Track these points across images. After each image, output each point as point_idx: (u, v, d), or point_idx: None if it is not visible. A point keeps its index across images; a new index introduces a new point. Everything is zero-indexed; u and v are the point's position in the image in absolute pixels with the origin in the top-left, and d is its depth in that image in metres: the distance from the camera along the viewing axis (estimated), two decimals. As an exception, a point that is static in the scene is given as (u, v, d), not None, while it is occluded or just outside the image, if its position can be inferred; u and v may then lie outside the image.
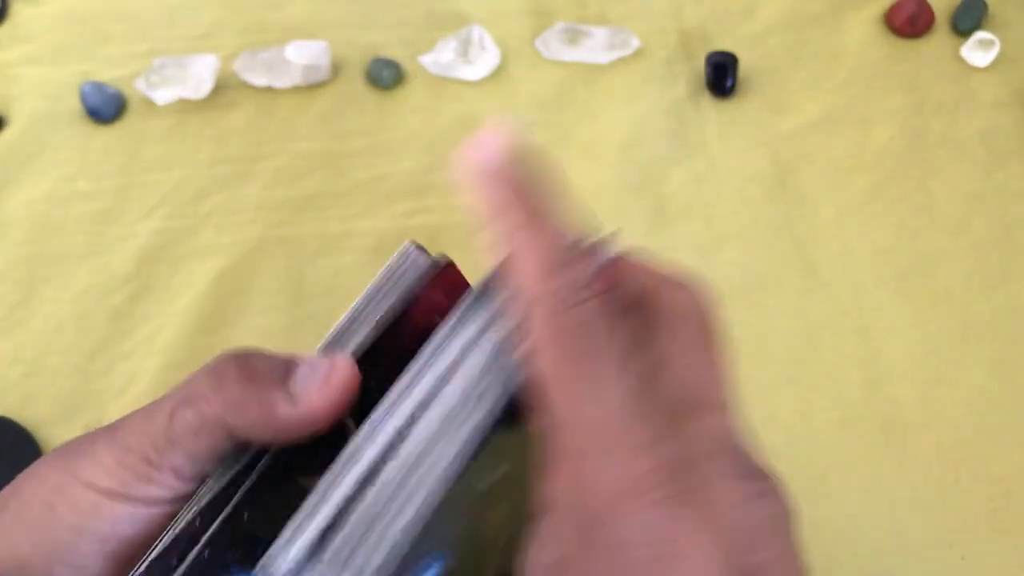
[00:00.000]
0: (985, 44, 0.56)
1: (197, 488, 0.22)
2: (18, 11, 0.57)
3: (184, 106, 0.54)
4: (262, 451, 0.22)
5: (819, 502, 0.43)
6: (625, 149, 0.53)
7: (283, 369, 0.22)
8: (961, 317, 0.48)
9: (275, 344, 0.46)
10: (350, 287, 0.48)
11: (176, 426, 0.21)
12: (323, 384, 0.21)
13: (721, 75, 0.54)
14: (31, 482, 0.23)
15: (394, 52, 0.56)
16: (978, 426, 0.45)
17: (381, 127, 0.54)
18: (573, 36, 0.56)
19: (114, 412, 0.44)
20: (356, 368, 0.22)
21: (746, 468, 0.19)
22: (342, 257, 0.49)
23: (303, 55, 0.54)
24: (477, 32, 0.55)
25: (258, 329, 0.47)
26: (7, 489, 0.23)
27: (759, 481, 0.19)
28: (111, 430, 0.22)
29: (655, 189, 0.52)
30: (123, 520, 0.22)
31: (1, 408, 0.44)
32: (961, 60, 0.57)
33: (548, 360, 0.19)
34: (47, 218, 0.50)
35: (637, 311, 0.22)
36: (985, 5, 0.58)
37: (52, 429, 0.44)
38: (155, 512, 0.22)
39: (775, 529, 0.19)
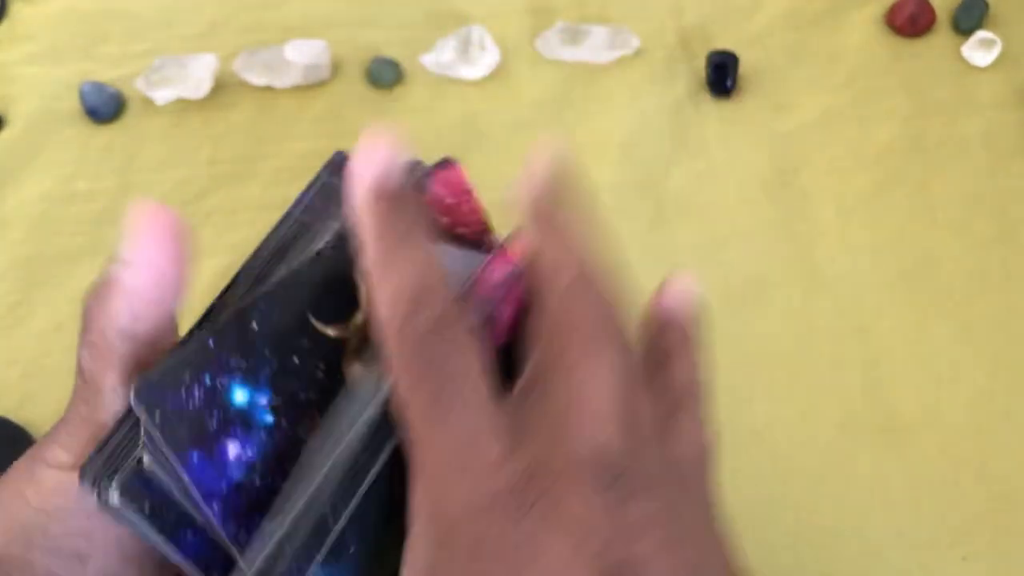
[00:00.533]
0: (986, 44, 0.56)
1: None
2: (17, 10, 0.57)
3: (184, 106, 0.54)
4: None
5: (819, 502, 0.43)
6: (625, 149, 0.53)
7: (107, 269, 0.23)
8: (962, 317, 0.48)
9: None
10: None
11: (84, 370, 0.23)
12: (137, 235, 0.23)
13: (721, 75, 0.54)
14: (7, 480, 0.23)
15: (394, 52, 0.56)
16: (979, 426, 0.45)
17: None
18: (573, 36, 0.56)
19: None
20: (159, 206, 0.23)
21: (609, 477, 0.19)
22: (342, 257, 0.49)
23: (303, 55, 0.54)
24: (477, 32, 0.55)
25: (258, 329, 0.46)
26: None
27: (623, 484, 0.19)
28: (63, 418, 0.23)
29: (655, 189, 0.52)
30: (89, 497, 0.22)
31: (0, 408, 0.44)
32: (962, 60, 0.56)
33: (401, 386, 0.20)
34: (46, 218, 0.50)
35: (534, 310, 0.23)
36: (986, 4, 0.57)
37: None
38: None
39: (649, 525, 0.19)
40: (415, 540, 0.20)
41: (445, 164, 0.25)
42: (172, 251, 0.23)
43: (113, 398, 0.22)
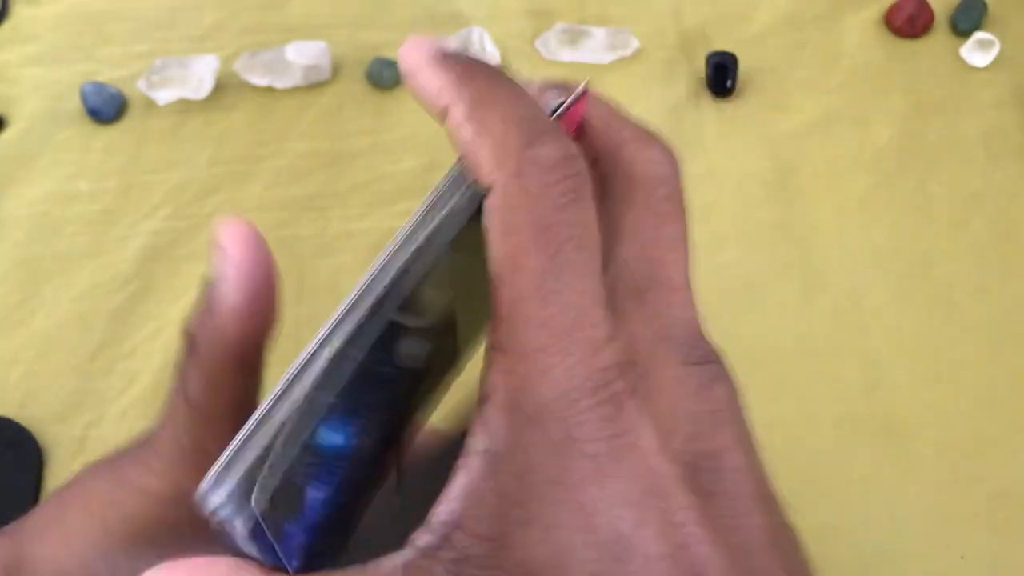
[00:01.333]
0: (985, 44, 0.56)
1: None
2: (19, 11, 0.57)
3: (185, 106, 0.54)
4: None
5: (818, 502, 0.43)
6: (625, 149, 0.53)
7: (206, 292, 0.21)
8: (961, 317, 0.48)
9: (275, 344, 0.46)
10: (350, 287, 0.48)
11: (196, 404, 0.20)
12: (223, 253, 0.20)
13: (721, 75, 0.54)
14: (78, 497, 0.22)
15: (394, 52, 0.56)
16: (978, 426, 0.45)
17: (381, 127, 0.54)
18: (573, 37, 0.56)
19: (114, 412, 0.44)
20: (241, 220, 0.20)
21: (698, 353, 0.19)
22: (342, 257, 0.49)
23: (303, 55, 0.54)
24: (477, 33, 0.55)
25: (258, 329, 0.47)
26: (52, 504, 0.22)
27: (711, 366, 0.19)
28: (143, 440, 0.21)
29: (655, 189, 0.52)
30: (183, 525, 0.20)
31: (1, 408, 0.44)
32: (961, 60, 0.57)
33: (505, 250, 0.17)
34: (47, 218, 0.50)
35: (597, 168, 0.20)
36: (985, 5, 0.58)
37: (52, 429, 0.44)
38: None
39: (728, 415, 0.18)
40: (491, 419, 0.17)
41: (578, 97, 0.21)
42: (264, 266, 0.20)
43: (226, 427, 0.20)
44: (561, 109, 0.20)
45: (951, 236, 0.50)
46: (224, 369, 0.20)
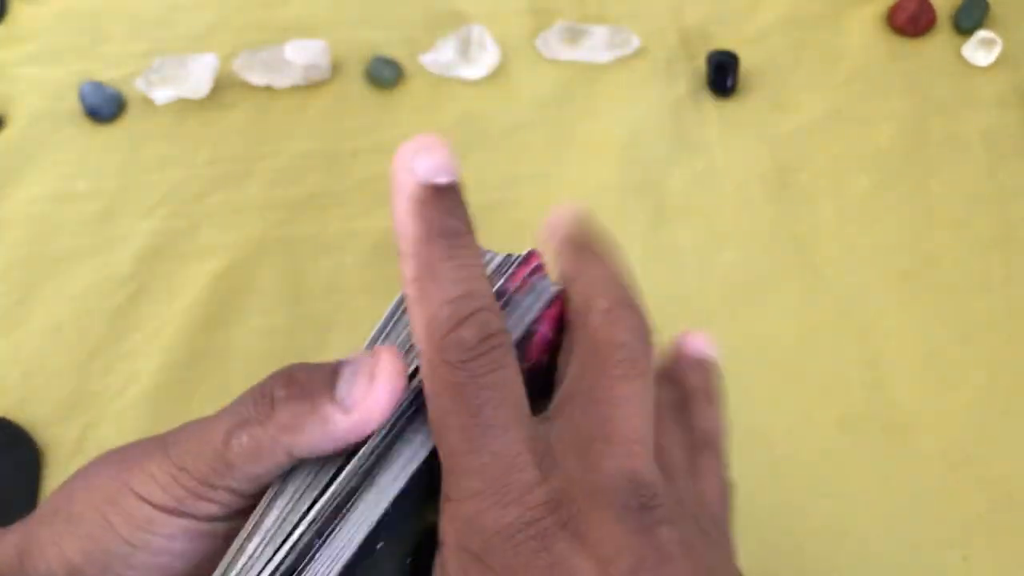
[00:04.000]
0: (987, 43, 0.56)
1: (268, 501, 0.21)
2: (17, 10, 0.57)
3: (183, 105, 0.54)
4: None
5: (819, 502, 0.43)
6: (625, 149, 0.53)
7: (329, 376, 0.21)
8: (962, 317, 0.48)
9: (275, 344, 0.46)
10: (350, 287, 0.48)
11: (232, 451, 0.21)
12: (369, 382, 0.20)
13: (722, 75, 0.54)
14: (84, 490, 0.22)
15: (394, 51, 0.56)
16: (979, 426, 0.45)
17: (381, 127, 0.53)
18: (573, 35, 0.56)
19: (114, 412, 0.44)
20: (399, 355, 0.21)
21: (637, 500, 0.20)
22: (342, 257, 0.49)
23: (303, 54, 0.54)
24: (477, 31, 0.55)
25: (258, 329, 0.46)
26: (59, 495, 0.23)
27: (653, 511, 0.20)
28: (163, 444, 0.22)
29: (655, 189, 0.52)
30: (178, 535, 0.21)
31: (0, 408, 0.44)
32: (963, 59, 0.56)
33: (440, 408, 0.20)
34: (46, 218, 0.50)
35: (568, 335, 0.22)
36: (987, 4, 0.57)
37: (52, 429, 0.44)
38: (212, 527, 0.22)
39: (679, 551, 0.19)
40: (447, 560, 0.20)
41: (555, 300, 0.23)
42: (392, 408, 0.21)
43: (243, 480, 0.21)
44: (537, 313, 0.23)
45: (952, 235, 0.50)
46: (278, 456, 0.21)
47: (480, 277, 0.21)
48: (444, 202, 0.21)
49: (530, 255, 0.23)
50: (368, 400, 0.20)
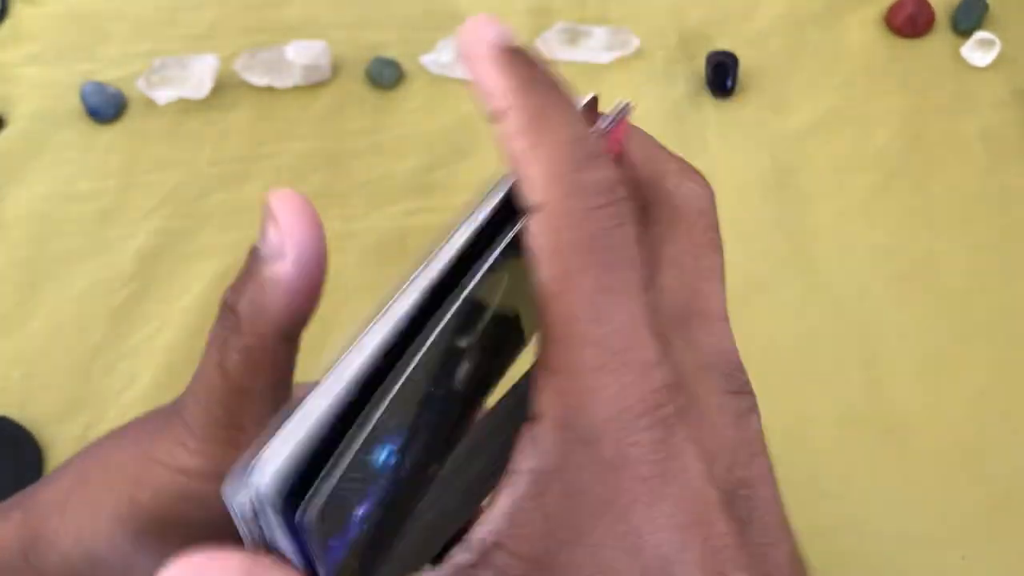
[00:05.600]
0: (985, 44, 0.56)
1: None
2: (19, 11, 0.57)
3: (184, 106, 0.54)
4: None
5: (819, 502, 0.43)
6: (625, 149, 0.53)
7: (251, 255, 0.20)
8: (961, 317, 0.48)
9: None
10: (350, 287, 0.48)
11: (234, 377, 0.20)
12: (276, 221, 0.20)
13: (721, 75, 0.54)
14: (100, 471, 0.21)
15: (394, 52, 0.56)
16: (978, 426, 0.45)
17: (381, 127, 0.54)
18: (573, 36, 0.56)
19: (114, 412, 0.44)
20: (294, 193, 0.20)
21: (736, 383, 0.19)
22: (342, 257, 0.49)
23: (303, 55, 0.54)
24: (477, 32, 0.55)
25: (258, 329, 0.47)
26: (69, 477, 0.22)
27: (747, 396, 0.19)
28: (176, 409, 0.21)
29: (655, 189, 0.52)
30: (213, 502, 0.19)
31: (1, 408, 0.44)
32: (961, 60, 0.57)
33: (555, 271, 0.17)
34: (47, 218, 0.50)
35: (638, 194, 0.20)
36: (986, 5, 0.58)
37: (52, 429, 0.44)
38: None
39: (760, 446, 0.19)
40: (545, 437, 0.17)
41: (621, 117, 0.21)
42: (320, 240, 0.20)
43: (262, 403, 0.20)
44: (605, 127, 0.20)
45: (951, 235, 0.50)
46: (267, 345, 0.20)
47: (586, 124, 0.19)
48: (530, 56, 0.20)
49: (594, 99, 0.21)
50: (292, 240, 0.20)
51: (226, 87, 0.54)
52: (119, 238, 0.49)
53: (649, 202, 0.20)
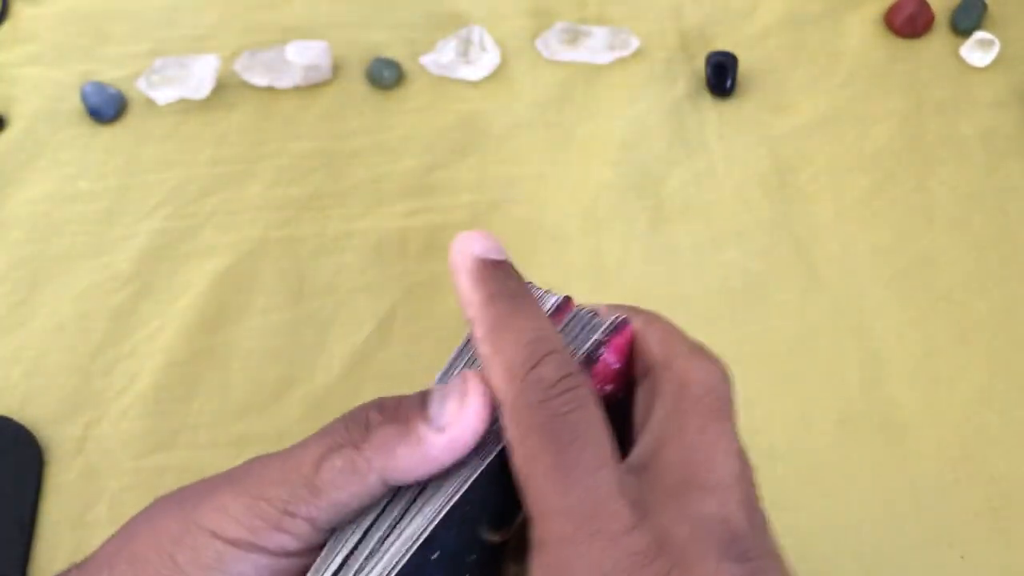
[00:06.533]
0: (985, 44, 0.56)
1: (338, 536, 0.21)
2: (19, 11, 0.57)
3: (185, 106, 0.54)
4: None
5: (818, 502, 0.43)
6: (625, 149, 0.53)
7: (420, 400, 0.22)
8: (961, 317, 0.48)
9: (275, 344, 0.46)
10: (350, 287, 0.48)
11: (323, 475, 0.21)
12: (461, 400, 0.21)
13: (721, 75, 0.54)
14: (147, 532, 0.22)
15: (394, 52, 0.56)
16: (978, 426, 0.45)
17: (381, 127, 0.54)
18: (573, 36, 0.56)
19: (116, 411, 0.44)
20: (484, 378, 0.22)
21: (737, 551, 0.19)
22: (342, 257, 0.49)
23: (304, 55, 0.54)
24: (477, 32, 0.55)
25: (258, 329, 0.47)
26: (118, 538, 0.23)
27: (751, 563, 0.19)
28: (231, 478, 0.22)
29: (655, 189, 0.52)
30: (248, 571, 0.21)
31: (1, 408, 0.44)
32: (961, 60, 0.57)
33: (524, 453, 0.20)
34: (48, 218, 0.50)
35: (647, 381, 0.22)
36: (985, 5, 0.58)
37: (52, 429, 0.44)
38: (282, 563, 0.21)
39: None
40: None
41: (620, 328, 0.23)
42: (477, 439, 0.21)
43: (329, 515, 0.21)
44: (602, 337, 0.23)
45: (951, 236, 0.50)
46: (372, 485, 0.21)
47: (548, 325, 0.21)
48: (501, 271, 0.22)
49: (566, 300, 0.24)
50: (461, 418, 0.21)
51: (226, 87, 0.54)
52: (119, 238, 0.49)
53: (660, 382, 0.22)
